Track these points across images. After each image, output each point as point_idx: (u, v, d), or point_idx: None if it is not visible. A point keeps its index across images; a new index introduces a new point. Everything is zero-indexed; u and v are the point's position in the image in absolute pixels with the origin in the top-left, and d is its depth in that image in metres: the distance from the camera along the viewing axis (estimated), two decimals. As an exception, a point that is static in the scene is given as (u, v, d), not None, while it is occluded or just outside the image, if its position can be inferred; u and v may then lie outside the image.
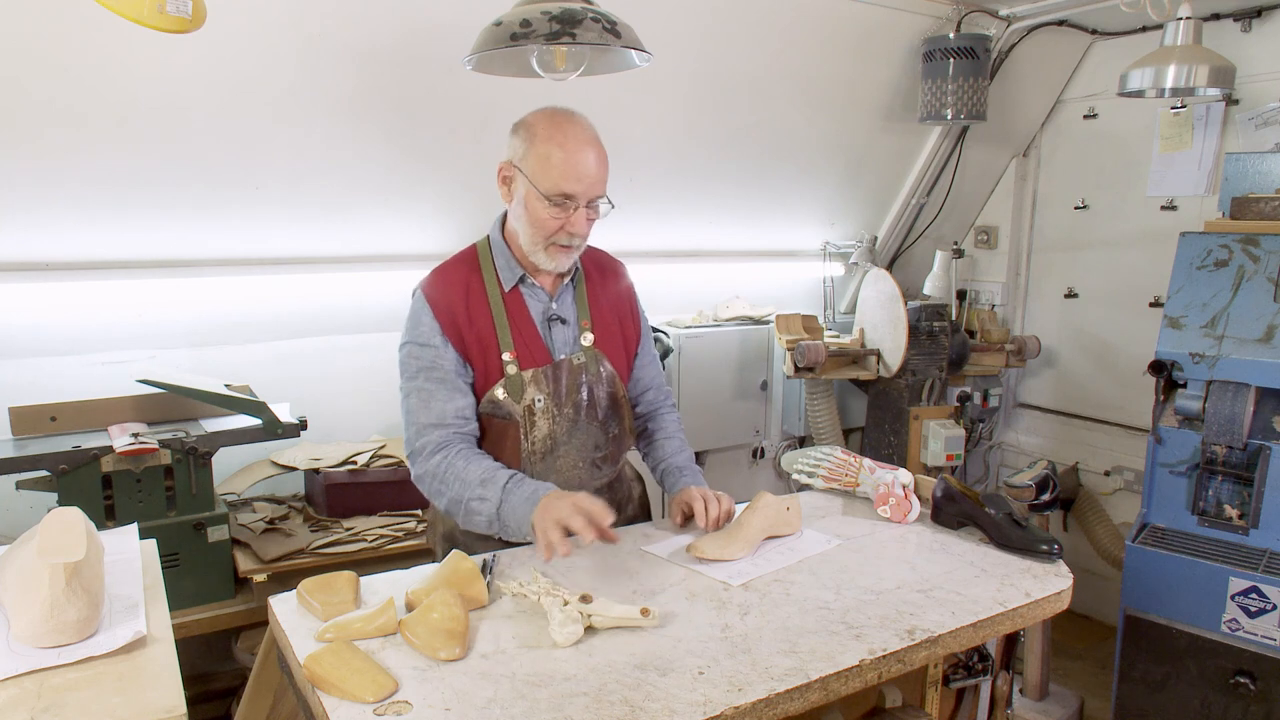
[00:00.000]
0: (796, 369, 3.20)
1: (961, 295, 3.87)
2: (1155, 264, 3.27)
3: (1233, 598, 2.31)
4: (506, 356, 1.75)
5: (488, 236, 1.85)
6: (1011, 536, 1.73)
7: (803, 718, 1.36)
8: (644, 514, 2.06)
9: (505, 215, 1.82)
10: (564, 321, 1.83)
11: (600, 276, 1.92)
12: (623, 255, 2.03)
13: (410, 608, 1.44)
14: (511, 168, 1.72)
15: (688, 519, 1.83)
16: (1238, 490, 2.44)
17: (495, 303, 1.77)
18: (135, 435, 2.05)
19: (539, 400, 1.77)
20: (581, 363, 1.81)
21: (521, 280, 1.80)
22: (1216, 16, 3.00)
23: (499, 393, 1.75)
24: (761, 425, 3.54)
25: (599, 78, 1.97)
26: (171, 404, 2.21)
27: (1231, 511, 2.44)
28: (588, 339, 1.83)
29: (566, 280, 1.84)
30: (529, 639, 1.36)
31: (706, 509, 1.77)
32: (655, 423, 2.03)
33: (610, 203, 1.75)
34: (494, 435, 1.79)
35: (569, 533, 1.53)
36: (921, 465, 3.32)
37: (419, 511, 2.45)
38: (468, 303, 1.75)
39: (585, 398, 1.82)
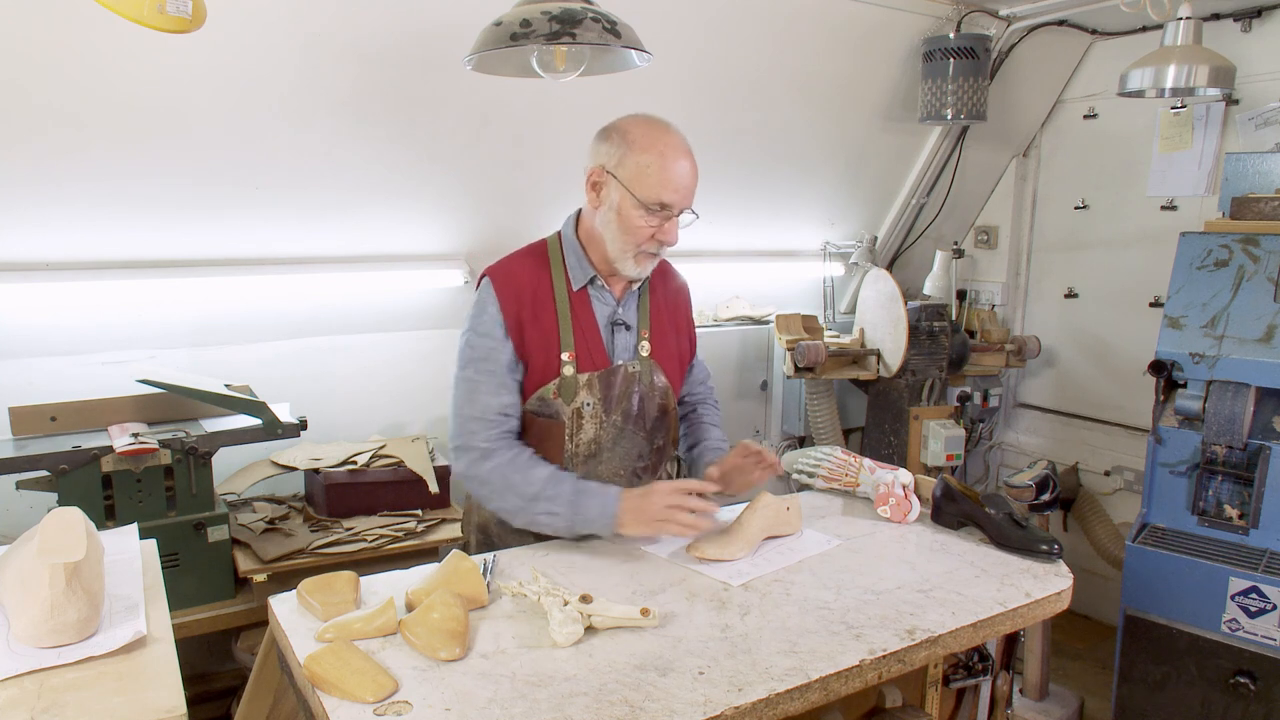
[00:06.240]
0: (796, 369, 3.20)
1: (961, 295, 3.87)
2: (1155, 264, 3.27)
3: (1233, 598, 2.31)
4: (565, 357, 1.74)
5: (559, 233, 1.83)
6: (1011, 536, 1.73)
7: (803, 718, 1.36)
8: None
9: (578, 214, 1.82)
10: (627, 328, 1.83)
11: (663, 286, 1.92)
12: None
13: (410, 608, 1.44)
14: (604, 174, 1.70)
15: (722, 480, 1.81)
16: (1238, 490, 2.44)
17: (562, 301, 1.76)
18: (135, 435, 2.05)
19: (588, 404, 1.76)
20: (636, 371, 1.81)
21: (591, 282, 1.79)
22: (1216, 16, 3.01)
23: (551, 392, 1.74)
24: (761, 425, 3.54)
25: (599, 78, 1.97)
26: (171, 404, 2.21)
27: (1231, 511, 2.44)
28: (645, 348, 1.83)
29: (634, 287, 1.84)
30: (529, 639, 1.36)
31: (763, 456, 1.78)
32: (702, 409, 2.05)
33: (695, 213, 1.74)
34: (537, 433, 1.78)
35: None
36: (921, 465, 3.31)
37: (419, 511, 2.45)
38: (535, 297, 1.74)
39: (634, 406, 1.81)
